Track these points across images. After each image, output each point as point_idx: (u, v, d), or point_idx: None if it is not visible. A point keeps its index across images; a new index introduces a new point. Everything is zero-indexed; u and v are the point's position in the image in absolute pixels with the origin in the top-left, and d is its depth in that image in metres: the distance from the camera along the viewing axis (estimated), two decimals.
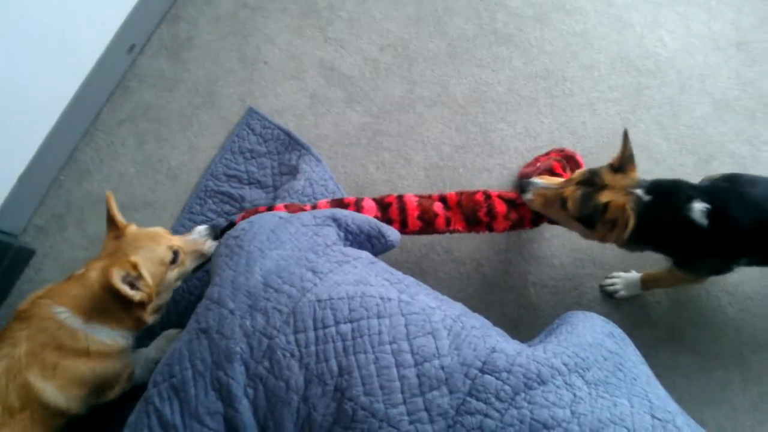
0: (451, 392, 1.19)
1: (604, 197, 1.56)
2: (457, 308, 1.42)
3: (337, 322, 1.29)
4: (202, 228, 1.77)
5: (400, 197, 1.79)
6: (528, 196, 1.71)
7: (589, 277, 1.97)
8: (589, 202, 1.59)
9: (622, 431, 1.13)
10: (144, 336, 1.78)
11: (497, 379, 1.20)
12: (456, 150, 2.12)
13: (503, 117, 2.16)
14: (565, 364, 1.24)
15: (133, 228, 1.65)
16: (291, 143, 2.16)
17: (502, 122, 2.15)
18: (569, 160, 1.89)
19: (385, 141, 2.16)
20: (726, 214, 1.51)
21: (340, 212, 1.65)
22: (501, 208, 1.74)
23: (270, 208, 1.82)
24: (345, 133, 2.20)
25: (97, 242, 2.16)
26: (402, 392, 1.21)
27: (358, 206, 1.78)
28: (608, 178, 1.60)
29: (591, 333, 1.38)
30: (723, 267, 1.67)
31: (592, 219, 1.60)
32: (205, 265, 1.76)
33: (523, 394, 1.17)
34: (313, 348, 1.27)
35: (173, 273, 1.64)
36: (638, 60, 2.26)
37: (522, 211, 1.76)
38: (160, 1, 2.44)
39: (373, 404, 1.19)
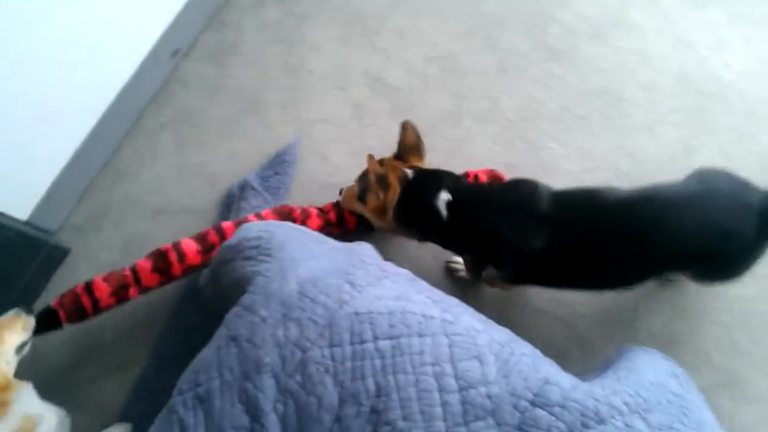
0: (498, 424, 1.09)
1: (370, 171, 1.65)
2: (504, 333, 1.32)
3: (375, 338, 1.20)
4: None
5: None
6: (340, 197, 1.86)
7: (644, 313, 1.83)
8: (360, 180, 1.72)
9: None
10: None
11: (550, 414, 1.09)
12: (504, 168, 2.02)
13: (555, 136, 2.06)
14: (625, 404, 1.12)
15: None
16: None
17: (553, 141, 2.05)
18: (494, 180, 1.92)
19: (430, 155, 2.06)
20: (463, 210, 1.53)
21: None
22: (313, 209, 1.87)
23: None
24: (389, 145, 2.10)
25: (131, 245, 2.12)
26: (444, 419, 1.11)
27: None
28: (388, 163, 1.69)
29: (653, 372, 1.26)
30: (478, 271, 1.66)
31: (363, 195, 1.70)
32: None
33: None
34: (349, 364, 1.18)
35: None
36: (701, 82, 2.15)
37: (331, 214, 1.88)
38: (206, 7, 2.44)
39: (411, 431, 1.09)
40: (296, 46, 2.35)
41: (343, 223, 1.88)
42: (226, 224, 1.80)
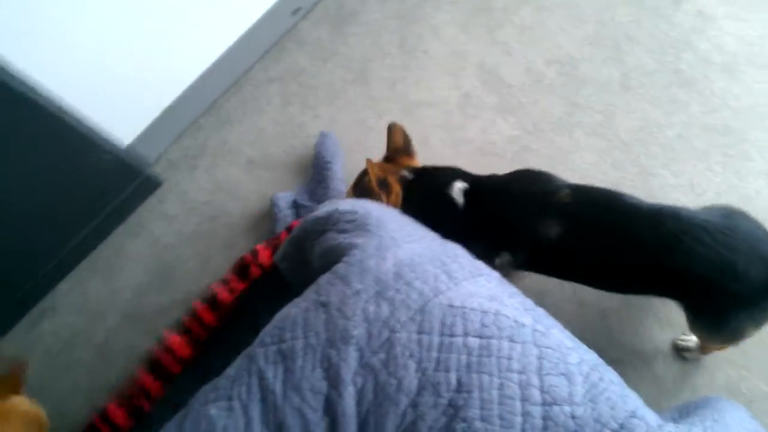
0: None
1: (367, 179, 1.63)
2: (593, 355, 1.27)
3: (465, 334, 1.18)
4: None
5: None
6: None
7: (723, 362, 1.75)
8: (357, 187, 1.70)
9: None
10: None
11: None
12: (607, 186, 1.96)
13: (667, 164, 1.96)
14: None
15: None
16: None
17: (665, 169, 1.96)
18: None
19: (532, 159, 2.03)
20: (482, 197, 1.55)
21: None
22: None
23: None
24: (491, 142, 2.09)
25: (222, 190, 2.17)
26: (522, 430, 1.08)
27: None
28: (376, 168, 1.64)
29: (739, 427, 1.21)
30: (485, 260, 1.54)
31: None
32: None
33: None
34: (435, 354, 1.17)
35: None
36: None
37: None
38: None
39: None
40: (415, 24, 2.32)
41: None
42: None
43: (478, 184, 1.59)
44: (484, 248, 1.58)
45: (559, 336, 1.25)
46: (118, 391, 1.82)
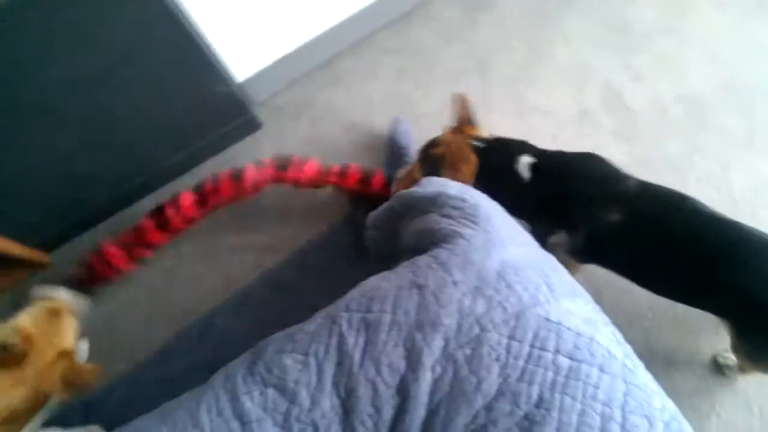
0: None
1: (437, 149, 1.64)
2: (673, 405, 1.23)
3: (557, 351, 1.15)
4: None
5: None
6: (393, 189, 1.82)
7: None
8: (428, 158, 1.67)
9: None
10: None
11: None
12: None
13: None
14: None
15: None
16: None
17: None
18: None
19: None
20: (548, 172, 1.54)
21: None
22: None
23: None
24: None
25: (316, 145, 2.18)
26: None
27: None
28: (445, 138, 1.68)
29: None
30: (542, 237, 1.53)
31: (435, 172, 1.61)
32: None
33: None
34: (521, 363, 1.14)
35: None
36: None
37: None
38: None
39: None
40: (548, 28, 2.26)
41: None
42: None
43: (546, 160, 1.57)
44: (542, 225, 1.59)
45: (646, 376, 1.21)
46: (119, 236, 1.88)
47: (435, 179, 1.56)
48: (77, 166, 1.87)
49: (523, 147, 1.62)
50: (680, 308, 1.72)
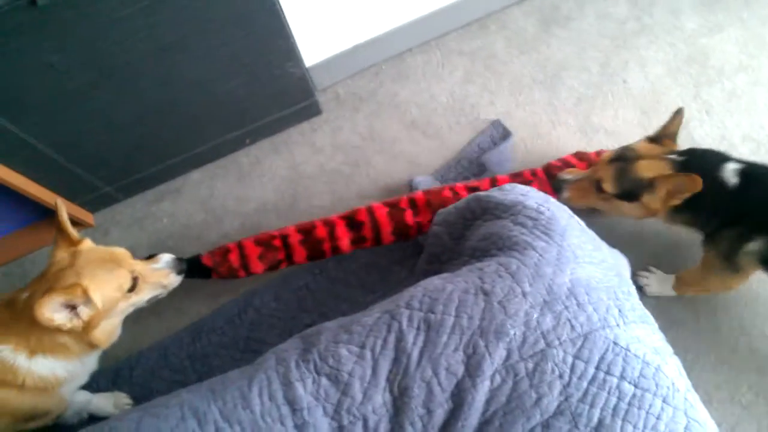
0: None
1: (641, 167, 1.56)
2: None
3: (622, 377, 1.12)
4: (168, 258, 1.55)
5: (370, 210, 1.83)
6: (565, 194, 1.71)
7: None
8: (625, 175, 1.58)
9: None
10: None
11: None
12: None
13: None
14: None
15: (88, 244, 1.42)
16: None
17: None
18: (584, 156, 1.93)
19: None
20: (756, 177, 1.49)
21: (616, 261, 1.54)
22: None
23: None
24: None
25: (375, 140, 2.16)
26: None
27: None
28: (643, 149, 1.61)
29: None
30: (737, 243, 1.52)
31: (633, 192, 1.58)
32: (159, 296, 1.56)
33: None
34: (585, 384, 1.12)
35: (128, 301, 1.42)
36: None
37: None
38: None
39: None
40: (624, 50, 2.22)
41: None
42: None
43: (751, 167, 1.52)
44: (741, 231, 1.54)
45: (705, 412, 1.19)
46: (262, 234, 1.84)
47: (519, 187, 1.52)
48: (137, 130, 1.87)
49: (722, 155, 1.57)
50: None
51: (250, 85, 1.90)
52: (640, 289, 1.78)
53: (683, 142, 1.67)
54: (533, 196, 1.45)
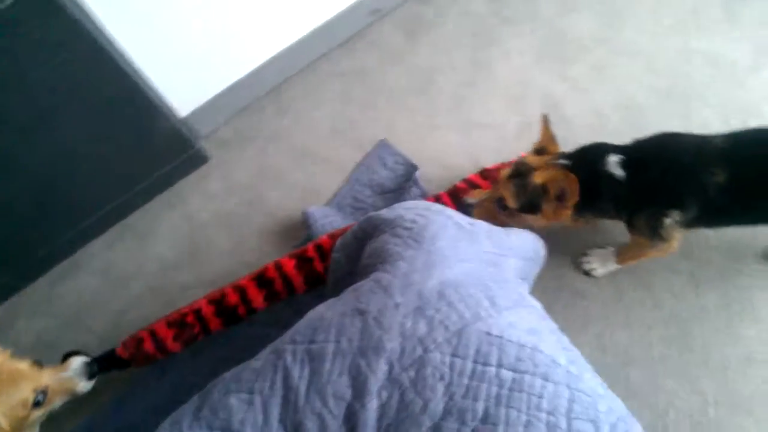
0: None
1: (537, 178, 1.60)
2: (621, 406, 1.24)
3: (499, 365, 1.16)
4: (77, 365, 1.53)
5: (277, 266, 1.80)
6: (474, 214, 1.73)
7: None
8: (524, 188, 1.63)
9: None
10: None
11: None
12: None
13: None
14: None
15: None
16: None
17: None
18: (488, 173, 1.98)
19: None
20: (639, 163, 1.54)
21: (519, 244, 1.56)
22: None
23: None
24: None
25: (266, 176, 2.17)
26: None
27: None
28: (534, 161, 1.66)
29: None
30: (655, 222, 1.59)
31: (534, 203, 1.63)
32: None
33: None
34: (465, 380, 1.15)
35: (38, 414, 1.40)
36: None
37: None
38: None
39: None
40: (489, 46, 2.31)
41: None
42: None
43: (631, 153, 1.58)
44: (652, 212, 1.60)
45: (591, 380, 1.22)
46: (172, 314, 1.79)
47: (407, 203, 1.56)
48: (20, 210, 1.84)
49: (604, 148, 1.62)
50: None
51: (123, 149, 1.89)
52: (587, 274, 1.86)
53: (558, 125, 1.75)
54: (413, 207, 1.49)
